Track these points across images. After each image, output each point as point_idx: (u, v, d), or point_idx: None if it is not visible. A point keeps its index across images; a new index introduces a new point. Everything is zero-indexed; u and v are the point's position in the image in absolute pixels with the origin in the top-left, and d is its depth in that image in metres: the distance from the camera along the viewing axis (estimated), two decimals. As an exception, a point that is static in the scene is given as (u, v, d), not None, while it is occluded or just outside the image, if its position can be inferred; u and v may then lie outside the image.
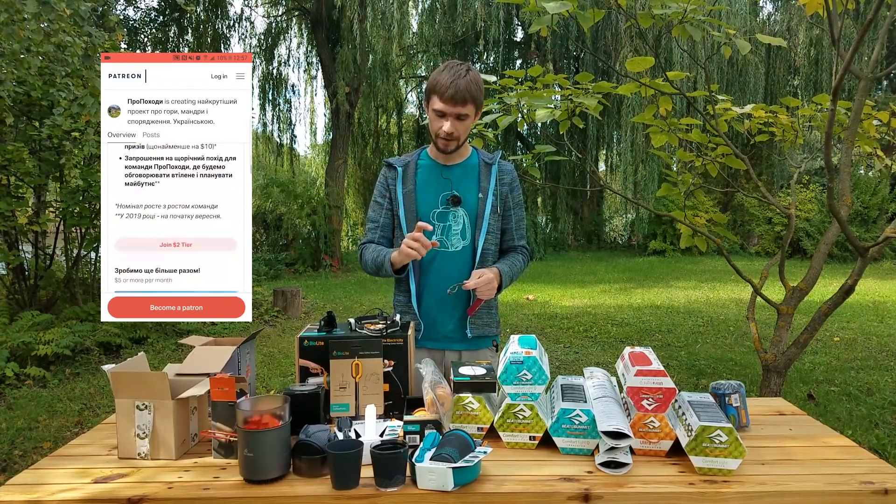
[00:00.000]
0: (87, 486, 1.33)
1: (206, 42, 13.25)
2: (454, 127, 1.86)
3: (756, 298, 3.47)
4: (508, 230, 2.06)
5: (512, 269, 2.00)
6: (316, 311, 8.01)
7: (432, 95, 1.86)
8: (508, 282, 1.99)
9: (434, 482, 1.29)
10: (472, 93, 1.83)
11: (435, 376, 1.59)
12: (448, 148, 1.92)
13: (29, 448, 3.47)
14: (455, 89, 1.80)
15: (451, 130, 1.86)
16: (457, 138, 1.90)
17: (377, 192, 2.06)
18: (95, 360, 5.17)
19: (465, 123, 1.88)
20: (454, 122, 1.86)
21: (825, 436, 1.62)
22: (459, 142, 1.93)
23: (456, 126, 1.87)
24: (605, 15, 3.31)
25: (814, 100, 3.29)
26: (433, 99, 1.86)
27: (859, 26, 9.18)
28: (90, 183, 5.04)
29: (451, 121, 1.86)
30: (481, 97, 1.91)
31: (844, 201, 3.07)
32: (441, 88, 1.82)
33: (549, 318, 7.34)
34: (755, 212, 15.11)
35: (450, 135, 1.88)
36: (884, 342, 5.93)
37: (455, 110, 1.84)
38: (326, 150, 16.75)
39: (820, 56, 13.15)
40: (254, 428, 1.33)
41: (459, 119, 1.86)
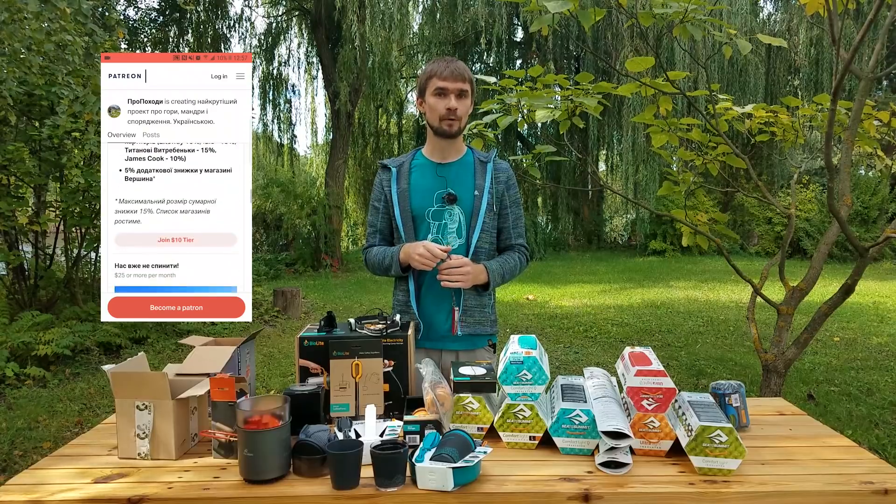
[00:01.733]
0: (87, 486, 1.33)
1: (206, 42, 13.25)
2: (457, 103, 1.92)
3: (756, 298, 3.47)
4: (505, 229, 2.06)
5: (503, 267, 1.99)
6: (316, 311, 8.01)
7: (431, 79, 1.93)
8: (499, 280, 1.98)
9: (434, 482, 1.28)
10: (468, 72, 1.94)
11: (435, 376, 1.59)
12: (453, 128, 1.95)
13: (29, 448, 3.47)
14: (454, 67, 1.91)
15: (455, 106, 1.92)
16: (460, 117, 1.94)
17: (374, 196, 2.09)
18: (95, 360, 5.17)
19: (465, 102, 1.95)
20: (456, 98, 1.92)
21: (825, 436, 1.62)
22: (461, 122, 1.96)
23: (459, 103, 1.93)
24: (605, 14, 3.31)
25: (814, 99, 3.28)
26: (432, 81, 1.93)
27: (859, 26, 9.18)
28: (90, 183, 5.04)
29: (453, 97, 1.92)
30: (473, 83, 1.99)
31: (844, 201, 3.07)
32: (439, 70, 1.92)
33: (549, 318, 7.34)
34: (755, 212, 15.11)
35: (453, 111, 1.92)
36: (884, 342, 5.93)
37: (456, 86, 1.91)
38: (326, 150, 16.75)
39: (820, 56, 13.15)
40: (254, 428, 1.33)
41: (460, 96, 1.93)
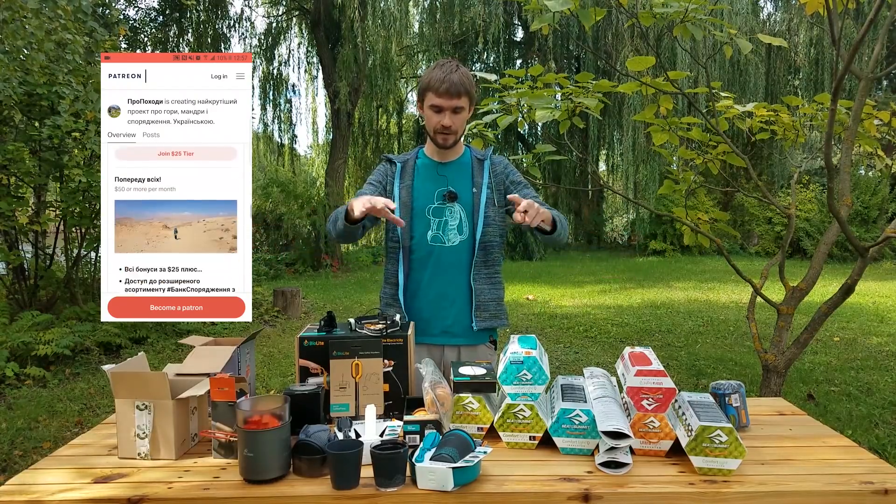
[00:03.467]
0: (87, 486, 1.33)
1: (206, 42, 13.24)
2: (451, 120, 1.92)
3: (756, 298, 3.47)
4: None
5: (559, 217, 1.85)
6: (316, 311, 8.01)
7: (427, 93, 1.92)
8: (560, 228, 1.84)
9: (434, 482, 1.28)
10: (465, 86, 1.89)
11: (435, 376, 1.59)
12: (447, 142, 1.95)
13: (29, 448, 3.47)
14: (449, 83, 1.87)
15: (448, 124, 1.91)
16: (454, 132, 1.94)
17: (373, 176, 2.04)
18: (95, 360, 5.17)
19: (460, 116, 1.94)
20: (451, 115, 1.91)
21: (825, 436, 1.62)
22: (457, 136, 1.96)
23: (453, 119, 1.92)
24: (605, 14, 3.31)
25: (815, 99, 3.28)
26: (428, 96, 1.92)
27: (859, 26, 9.18)
28: (90, 183, 5.04)
29: (447, 114, 1.91)
30: (473, 91, 1.96)
31: (844, 201, 3.07)
32: (435, 84, 1.88)
33: (549, 318, 7.34)
34: (755, 212, 15.11)
35: (447, 128, 1.92)
36: (884, 342, 5.92)
37: (451, 103, 1.90)
38: (327, 150, 16.75)
39: (820, 56, 13.15)
40: (254, 428, 1.33)
41: (455, 112, 1.92)
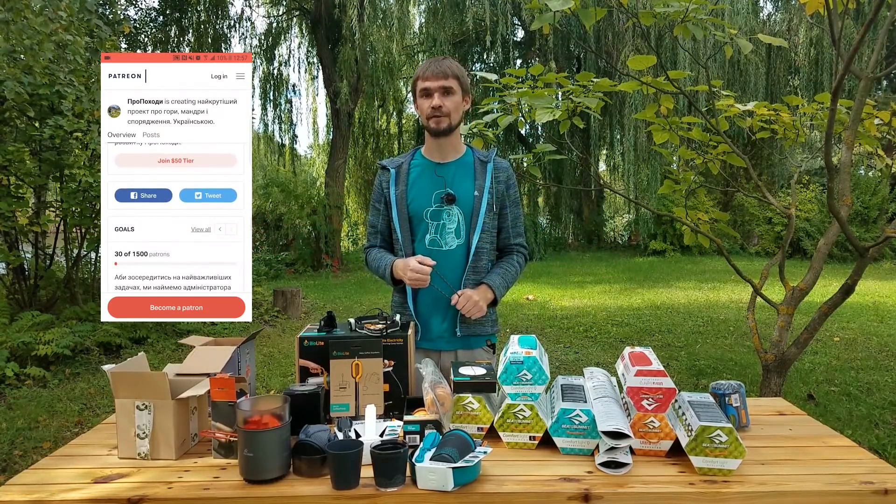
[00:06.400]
0: (88, 486, 1.33)
1: (206, 42, 13.23)
2: (441, 101, 1.90)
3: (756, 298, 3.47)
4: (504, 228, 2.06)
5: (505, 277, 2.02)
6: (316, 311, 8.01)
7: (417, 82, 1.94)
8: (504, 292, 2.02)
9: (434, 482, 1.28)
10: (452, 69, 1.91)
11: (435, 376, 1.59)
12: (440, 125, 1.92)
13: (29, 448, 3.47)
14: (436, 66, 1.90)
15: (438, 104, 1.90)
16: (446, 114, 1.91)
17: (374, 196, 2.10)
18: (95, 360, 5.17)
19: (452, 98, 1.92)
20: (440, 96, 1.90)
21: (825, 436, 1.62)
22: (450, 119, 1.93)
23: (443, 100, 1.90)
24: (606, 14, 3.31)
25: (815, 98, 3.28)
26: (418, 83, 1.94)
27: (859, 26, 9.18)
28: (91, 183, 5.04)
29: (437, 95, 1.90)
30: (465, 79, 1.97)
31: (844, 201, 3.07)
32: (422, 71, 1.92)
33: (549, 318, 7.34)
34: (755, 212, 15.10)
35: (438, 108, 1.90)
36: (884, 342, 5.92)
37: (439, 83, 1.89)
38: (327, 150, 16.75)
39: (820, 56, 13.14)
40: (254, 428, 1.33)
41: (445, 93, 1.91)
